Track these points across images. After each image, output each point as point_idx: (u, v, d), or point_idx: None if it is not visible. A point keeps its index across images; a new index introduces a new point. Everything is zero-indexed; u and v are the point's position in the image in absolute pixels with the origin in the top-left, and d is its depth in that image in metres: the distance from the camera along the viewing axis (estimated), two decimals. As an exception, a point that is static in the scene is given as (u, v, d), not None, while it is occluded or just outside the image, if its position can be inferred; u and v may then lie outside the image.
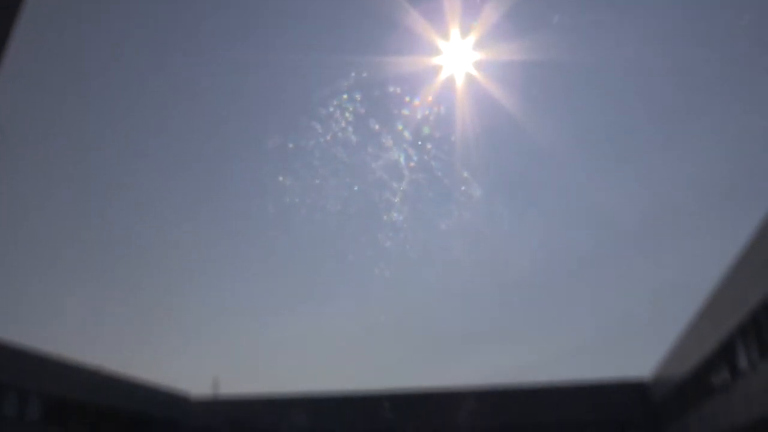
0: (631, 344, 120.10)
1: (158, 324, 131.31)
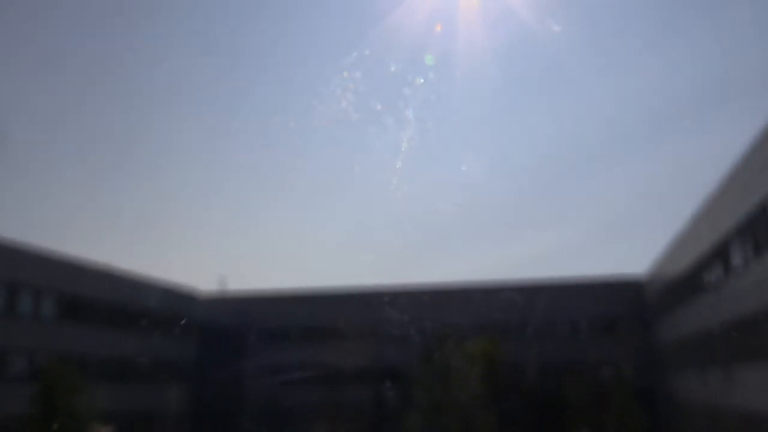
0: (627, 244, 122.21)
1: (166, 223, 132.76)
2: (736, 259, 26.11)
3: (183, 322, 48.42)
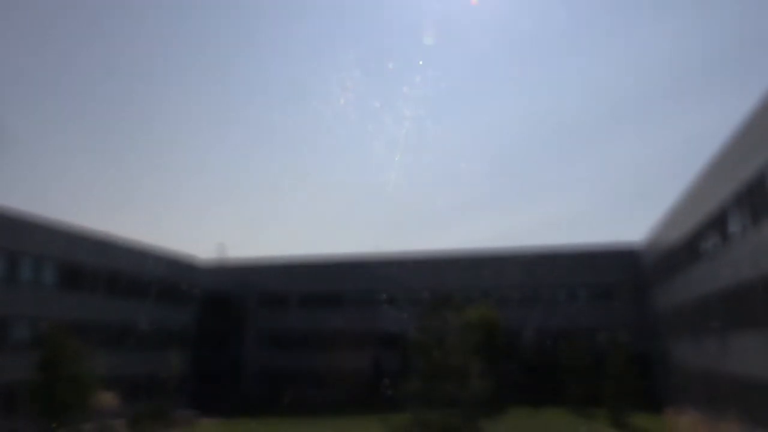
0: (625, 213, 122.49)
1: (166, 193, 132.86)
2: (734, 227, 26.22)
3: (183, 289, 48.77)
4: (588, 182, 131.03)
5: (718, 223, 28.28)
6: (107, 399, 34.09)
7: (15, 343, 33.33)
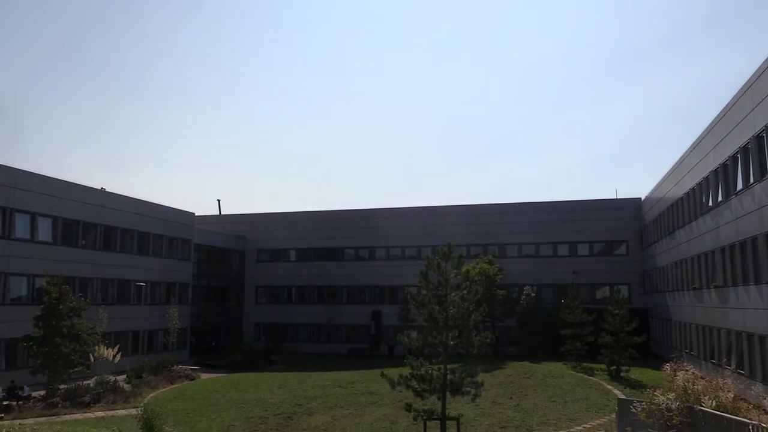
0: (628, 167, 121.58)
1: (163, 147, 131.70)
2: (739, 182, 25.82)
3: (182, 244, 48.60)
4: (594, 134, 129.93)
5: (723, 177, 27.87)
6: (107, 353, 34.25)
7: (14, 299, 33.30)
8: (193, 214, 50.43)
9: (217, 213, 61.33)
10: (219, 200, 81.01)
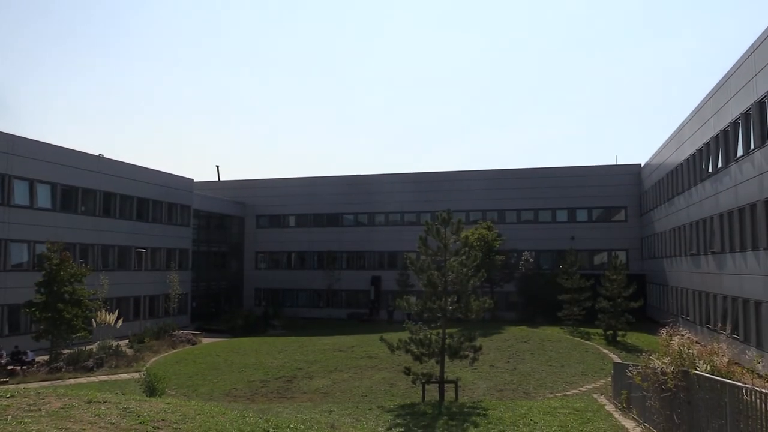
0: (628, 133, 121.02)
1: (161, 114, 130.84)
2: (739, 148, 25.74)
3: (182, 210, 48.62)
4: (595, 100, 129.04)
5: (723, 143, 27.79)
6: (109, 319, 34.54)
7: (15, 266, 33.44)
8: (192, 180, 50.33)
9: (216, 179, 61.25)
10: (218, 166, 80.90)
